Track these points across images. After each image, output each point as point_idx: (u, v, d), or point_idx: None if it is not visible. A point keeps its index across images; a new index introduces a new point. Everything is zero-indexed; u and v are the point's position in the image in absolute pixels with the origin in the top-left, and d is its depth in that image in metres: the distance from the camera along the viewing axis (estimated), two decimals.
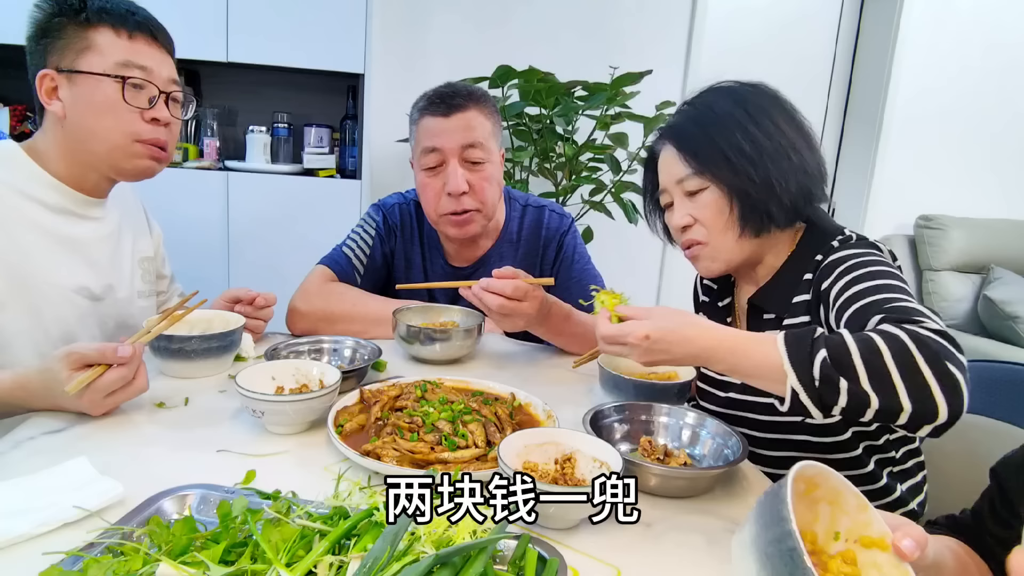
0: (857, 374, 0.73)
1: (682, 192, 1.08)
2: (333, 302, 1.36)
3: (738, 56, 3.28)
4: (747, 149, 1.01)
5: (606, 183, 2.69)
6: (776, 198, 1.01)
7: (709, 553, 0.71)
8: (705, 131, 1.05)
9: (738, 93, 1.08)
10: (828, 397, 0.75)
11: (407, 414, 0.90)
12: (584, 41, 3.03)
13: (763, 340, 0.80)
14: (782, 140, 1.02)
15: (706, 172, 1.04)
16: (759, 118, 1.03)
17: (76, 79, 1.04)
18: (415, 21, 2.88)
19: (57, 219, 1.09)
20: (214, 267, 2.49)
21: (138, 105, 1.07)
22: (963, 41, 3.33)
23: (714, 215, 1.05)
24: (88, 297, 1.13)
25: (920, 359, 0.72)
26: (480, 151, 1.33)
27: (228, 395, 1.02)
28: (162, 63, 1.10)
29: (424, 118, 1.34)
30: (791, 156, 1.02)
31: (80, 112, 1.06)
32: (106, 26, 1.05)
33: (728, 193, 1.03)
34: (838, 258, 0.99)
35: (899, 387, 0.72)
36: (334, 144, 2.72)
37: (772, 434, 1.08)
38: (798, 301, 1.03)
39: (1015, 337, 2.89)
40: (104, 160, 1.09)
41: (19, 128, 2.47)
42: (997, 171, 3.52)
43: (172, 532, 0.58)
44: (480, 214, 1.37)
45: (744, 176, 1.01)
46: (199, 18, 2.32)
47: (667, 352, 0.84)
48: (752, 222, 1.03)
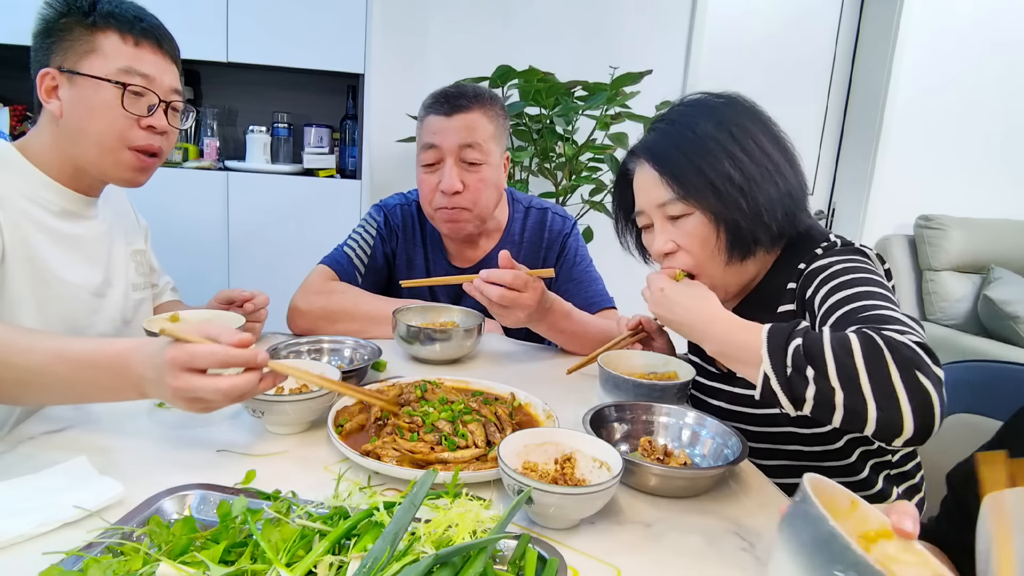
0: (826, 367, 0.73)
1: (663, 216, 1.04)
2: (334, 301, 1.36)
3: (738, 56, 3.28)
4: (735, 178, 0.97)
5: (606, 183, 2.69)
6: (764, 225, 0.99)
7: (709, 553, 0.71)
8: (688, 156, 1.00)
9: (718, 111, 1.02)
10: (797, 387, 0.75)
11: (407, 413, 0.90)
12: (584, 41, 3.03)
13: (751, 327, 0.84)
14: (768, 164, 0.99)
15: (691, 199, 1.00)
16: (744, 141, 0.99)
17: (77, 80, 1.04)
18: (415, 21, 2.88)
19: (58, 220, 1.10)
20: (214, 267, 2.49)
21: (137, 112, 1.06)
22: (963, 41, 3.33)
23: (700, 243, 1.01)
24: (93, 293, 1.14)
25: (892, 365, 0.71)
26: (477, 152, 1.34)
27: None
28: (165, 72, 1.10)
29: (428, 115, 1.37)
30: (778, 182, 0.99)
31: (76, 113, 1.05)
32: (113, 30, 1.04)
33: (715, 221, 0.99)
34: (821, 266, 0.97)
35: (865, 388, 0.72)
36: (334, 144, 2.72)
37: (765, 444, 1.07)
38: (783, 311, 1.02)
39: (1015, 337, 2.89)
40: (95, 163, 1.09)
41: (19, 128, 2.47)
42: (997, 171, 3.52)
43: (172, 532, 0.58)
44: (471, 214, 1.38)
45: (733, 206, 0.97)
46: (199, 18, 2.32)
47: (670, 311, 0.93)
48: (739, 249, 1.01)
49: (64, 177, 1.10)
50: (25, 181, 1.07)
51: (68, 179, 1.10)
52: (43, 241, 1.06)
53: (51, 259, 1.07)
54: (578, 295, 1.44)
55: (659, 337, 1.25)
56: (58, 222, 1.09)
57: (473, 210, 1.38)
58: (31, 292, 1.04)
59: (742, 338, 0.83)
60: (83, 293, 1.12)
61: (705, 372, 1.17)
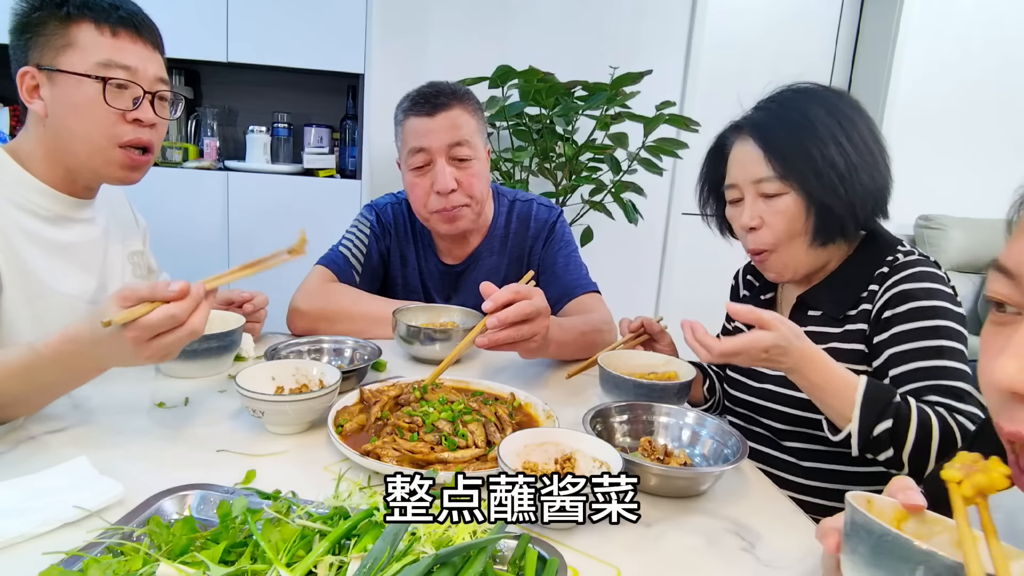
0: (904, 447, 0.86)
1: (756, 192, 1.06)
2: (333, 301, 1.36)
3: (738, 56, 3.29)
4: (839, 164, 0.99)
5: (606, 183, 2.69)
6: (853, 214, 1.02)
7: (709, 553, 0.71)
8: (796, 137, 1.02)
9: (828, 100, 1.05)
10: (873, 450, 0.88)
11: (407, 413, 0.90)
12: (584, 41, 3.03)
13: (848, 383, 0.88)
14: (868, 158, 1.02)
15: (790, 179, 1.02)
16: (850, 130, 1.01)
17: (57, 78, 1.00)
18: (415, 21, 2.88)
19: (49, 227, 1.07)
20: (214, 267, 2.45)
21: (121, 107, 1.03)
22: (963, 41, 3.33)
23: (787, 222, 1.04)
24: (89, 302, 1.12)
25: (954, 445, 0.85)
26: (467, 148, 1.34)
27: (228, 395, 1.02)
28: (148, 61, 1.05)
29: (409, 119, 1.35)
30: (874, 175, 1.02)
31: (61, 113, 1.02)
32: (88, 21, 1.00)
33: (807, 203, 1.02)
34: (907, 292, 0.99)
35: (927, 467, 0.86)
36: (334, 144, 2.72)
37: (796, 427, 1.10)
38: (861, 311, 1.04)
39: None
40: (85, 164, 1.06)
41: (19, 128, 2.47)
42: (997, 171, 3.52)
43: (172, 532, 0.58)
44: (469, 208, 1.38)
45: (831, 190, 1.00)
46: (199, 18, 2.32)
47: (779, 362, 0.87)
48: (824, 233, 1.04)
49: (56, 180, 1.07)
50: (16, 187, 1.04)
51: (60, 182, 1.08)
52: (36, 253, 1.04)
53: (44, 271, 1.05)
54: (562, 278, 1.44)
55: (662, 339, 1.25)
56: (50, 230, 1.07)
57: (471, 204, 1.38)
58: (26, 307, 1.02)
59: (839, 396, 0.88)
60: (78, 303, 1.10)
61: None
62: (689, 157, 2.71)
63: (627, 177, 2.68)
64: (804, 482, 1.10)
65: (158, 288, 0.76)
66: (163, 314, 0.75)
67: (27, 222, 1.05)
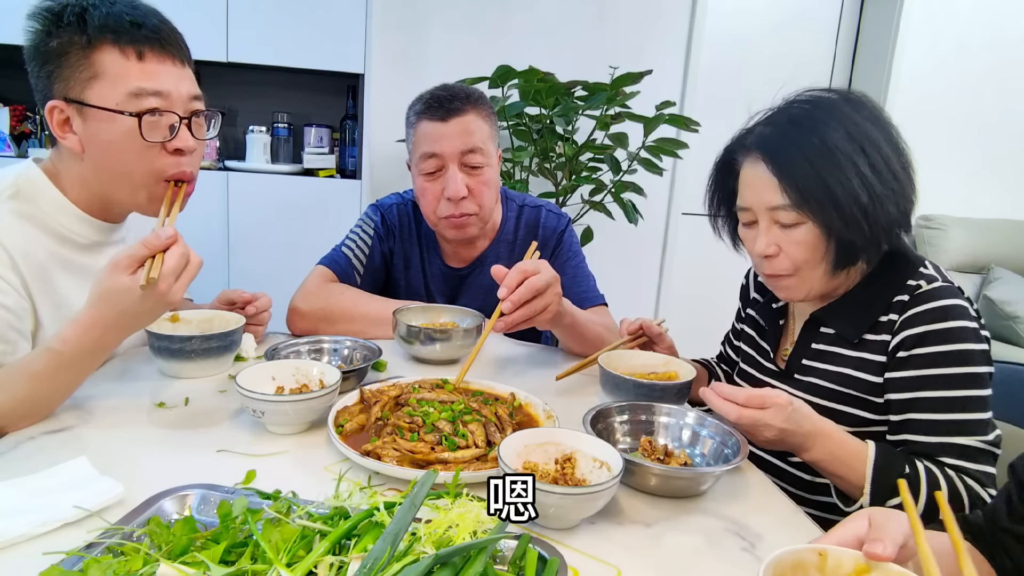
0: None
1: (771, 219, 0.99)
2: (333, 302, 1.36)
3: (738, 56, 3.29)
4: (863, 198, 0.92)
5: (606, 183, 2.69)
6: (877, 244, 0.97)
7: (709, 553, 0.71)
8: (814, 167, 0.93)
9: (848, 118, 0.96)
10: None
11: (407, 413, 0.90)
12: (584, 41, 3.03)
13: (858, 453, 0.90)
14: (893, 185, 0.94)
15: (808, 210, 0.95)
16: (873, 156, 0.94)
17: (88, 112, 0.96)
18: (415, 21, 2.88)
19: (84, 255, 1.06)
20: (214, 267, 2.49)
21: (158, 138, 0.98)
22: (963, 41, 3.33)
23: (806, 252, 0.98)
24: None
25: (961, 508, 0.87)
26: (479, 156, 1.33)
27: (228, 395, 1.02)
28: (180, 80, 1.00)
29: (422, 122, 1.33)
30: (899, 202, 0.95)
31: (97, 149, 0.98)
32: (110, 46, 0.94)
33: (827, 234, 0.96)
34: (928, 333, 0.94)
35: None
36: (334, 144, 2.72)
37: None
38: (880, 341, 0.99)
39: (1015, 337, 2.89)
40: (128, 200, 1.04)
41: (19, 128, 2.47)
42: (997, 171, 3.52)
43: (172, 532, 0.58)
44: (477, 217, 1.37)
45: (853, 225, 0.93)
46: (199, 18, 2.32)
47: (798, 424, 0.88)
48: (846, 260, 0.99)
49: (94, 208, 1.06)
50: (55, 215, 1.02)
51: (98, 209, 1.06)
52: (71, 284, 1.03)
53: (78, 301, 1.01)
54: (571, 291, 1.43)
55: (661, 342, 1.24)
56: (84, 257, 1.06)
57: (480, 213, 1.37)
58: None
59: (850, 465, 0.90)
60: None
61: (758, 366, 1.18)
62: (689, 157, 2.71)
63: (627, 177, 2.68)
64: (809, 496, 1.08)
65: (151, 241, 0.83)
66: (177, 255, 0.84)
67: (64, 252, 1.03)
